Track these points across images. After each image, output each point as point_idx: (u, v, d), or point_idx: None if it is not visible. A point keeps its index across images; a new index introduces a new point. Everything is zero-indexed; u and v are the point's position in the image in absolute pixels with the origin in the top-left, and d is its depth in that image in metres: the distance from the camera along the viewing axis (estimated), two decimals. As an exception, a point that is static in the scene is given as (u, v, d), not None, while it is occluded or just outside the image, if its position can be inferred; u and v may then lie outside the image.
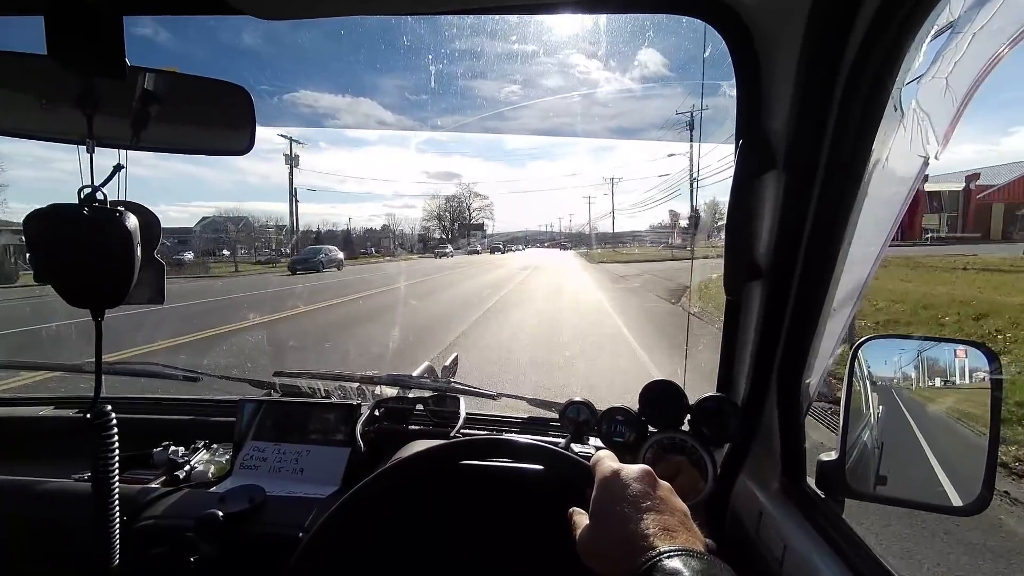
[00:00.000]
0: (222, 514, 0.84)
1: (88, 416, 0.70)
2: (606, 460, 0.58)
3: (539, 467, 0.84)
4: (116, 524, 0.77)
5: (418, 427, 1.22)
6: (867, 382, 0.78)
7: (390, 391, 1.34)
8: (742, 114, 0.80)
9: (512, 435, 1.05)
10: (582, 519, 0.56)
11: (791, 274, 0.75)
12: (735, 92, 0.80)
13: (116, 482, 0.75)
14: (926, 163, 0.53)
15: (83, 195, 0.63)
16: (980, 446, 0.64)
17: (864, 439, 0.79)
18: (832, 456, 0.74)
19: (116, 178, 0.66)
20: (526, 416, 1.25)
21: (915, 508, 0.73)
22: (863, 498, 0.75)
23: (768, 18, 0.71)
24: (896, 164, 0.58)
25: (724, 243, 0.81)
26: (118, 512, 0.77)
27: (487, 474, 0.90)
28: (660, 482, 0.54)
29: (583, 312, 10.18)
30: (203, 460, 1.13)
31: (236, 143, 0.76)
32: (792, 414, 0.80)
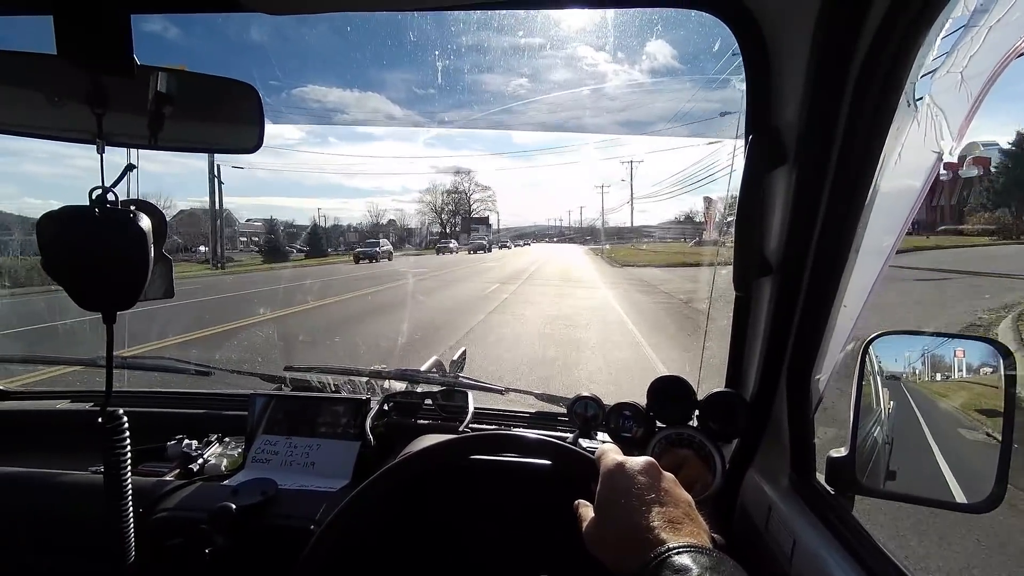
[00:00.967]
0: (235, 507, 0.86)
1: (100, 419, 0.71)
2: (610, 453, 0.58)
3: (547, 462, 0.84)
4: (130, 517, 0.78)
5: (427, 421, 1.23)
6: (878, 378, 0.77)
7: (399, 385, 1.35)
8: (752, 108, 0.79)
9: (520, 430, 1.05)
10: (588, 511, 0.56)
11: (802, 269, 0.74)
12: (744, 86, 0.79)
13: (128, 477, 0.76)
14: (940, 158, 0.52)
15: (94, 196, 0.63)
16: (993, 443, 0.64)
17: (874, 435, 0.78)
18: (842, 452, 0.74)
19: (127, 177, 0.67)
20: (534, 411, 1.25)
21: (925, 505, 0.73)
22: (873, 494, 0.74)
23: (778, 12, 0.70)
24: (909, 159, 0.58)
25: (733, 238, 0.81)
26: (132, 505, 0.78)
27: (496, 469, 0.91)
28: (664, 473, 0.54)
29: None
30: (216, 453, 1.14)
31: (245, 141, 0.76)
32: (802, 409, 0.80)
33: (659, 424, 0.98)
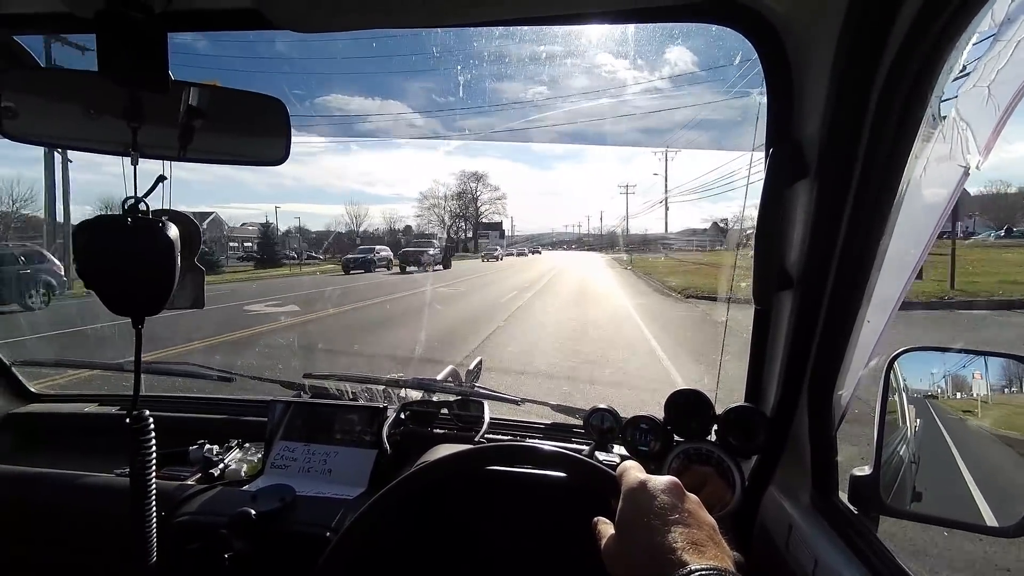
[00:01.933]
0: (254, 512, 0.87)
1: (127, 420, 0.73)
2: (632, 470, 0.57)
3: (563, 474, 0.84)
4: (153, 520, 0.80)
5: (443, 431, 1.23)
6: (903, 395, 0.76)
7: (415, 394, 1.36)
8: (772, 121, 0.79)
9: (537, 442, 1.05)
10: (607, 529, 0.56)
11: (823, 284, 0.73)
12: (764, 99, 0.79)
13: (153, 481, 0.78)
14: (967, 172, 0.52)
15: (127, 205, 0.66)
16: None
17: (900, 454, 0.76)
18: (866, 470, 0.72)
19: (160, 187, 0.69)
20: (550, 422, 1.25)
21: (953, 527, 0.71)
22: (898, 515, 0.72)
23: (800, 25, 0.70)
24: (935, 173, 0.57)
25: (753, 251, 0.80)
26: (155, 508, 0.80)
27: (511, 479, 0.91)
28: (688, 495, 0.53)
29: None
30: (236, 459, 1.16)
31: (272, 153, 0.78)
32: (823, 426, 0.78)
33: (677, 438, 0.97)
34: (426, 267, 22.79)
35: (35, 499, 1.05)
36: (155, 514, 0.81)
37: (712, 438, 0.95)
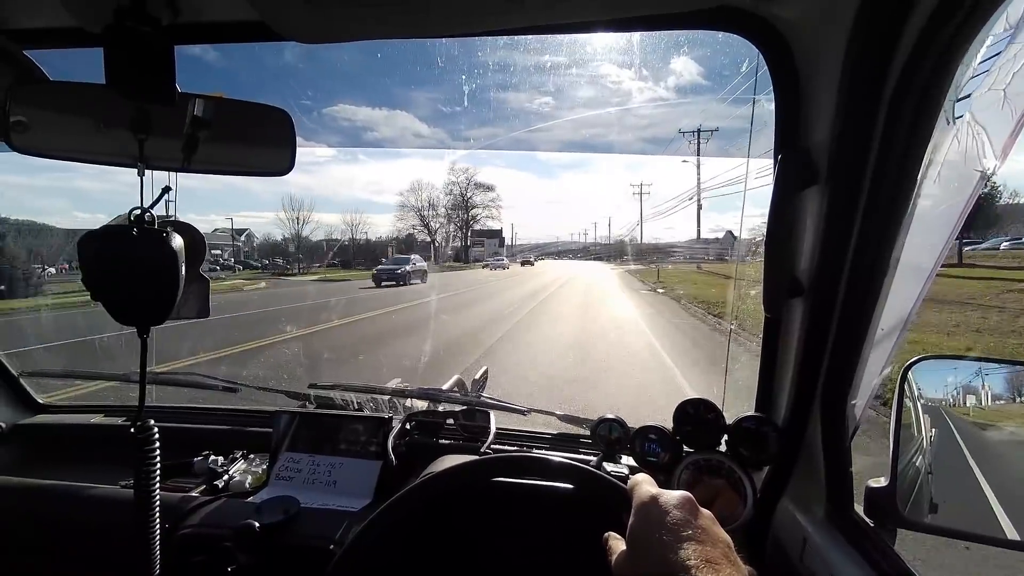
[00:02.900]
0: (258, 525, 0.86)
1: (132, 430, 0.73)
2: (644, 484, 0.56)
3: (571, 486, 0.83)
4: (157, 532, 0.79)
5: (448, 441, 1.22)
6: (918, 404, 0.74)
7: (420, 404, 1.35)
8: (781, 127, 0.78)
9: (544, 453, 1.03)
10: (618, 544, 0.54)
11: (835, 292, 0.72)
12: (771, 106, 0.78)
13: (157, 492, 0.77)
14: (983, 177, 0.51)
15: (133, 216, 0.66)
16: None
17: (916, 464, 0.75)
18: (882, 482, 0.71)
19: (166, 197, 0.69)
20: (556, 432, 1.23)
21: (972, 540, 0.69)
22: (916, 528, 0.71)
23: (808, 31, 0.70)
24: (950, 179, 0.56)
25: (763, 259, 0.79)
26: (159, 520, 0.79)
27: (519, 491, 0.90)
28: (702, 511, 0.52)
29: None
30: (241, 470, 1.15)
31: (277, 164, 0.78)
32: (837, 436, 0.77)
33: (686, 449, 0.95)
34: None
35: (41, 511, 1.05)
36: (159, 526, 0.80)
37: (722, 449, 0.93)
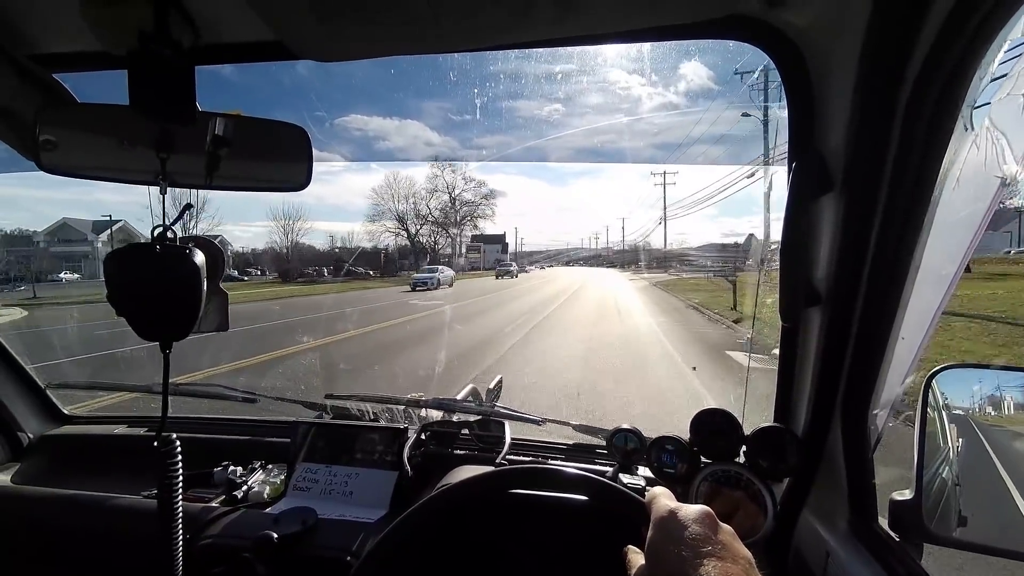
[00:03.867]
0: (276, 536, 0.87)
1: (155, 444, 0.74)
2: (662, 498, 0.55)
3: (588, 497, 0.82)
4: (179, 542, 0.80)
5: (464, 452, 1.22)
6: (943, 414, 0.72)
7: (436, 414, 1.35)
8: (795, 134, 0.78)
9: (560, 464, 1.03)
10: (637, 558, 0.54)
11: (854, 300, 0.71)
12: (784, 113, 0.78)
13: (180, 504, 0.79)
14: (1004, 183, 0.50)
15: (155, 233, 0.67)
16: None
17: (942, 476, 0.73)
18: (906, 495, 0.69)
19: (186, 214, 0.71)
20: (572, 443, 1.23)
21: (1003, 556, 0.67)
22: (943, 543, 0.69)
23: (821, 37, 0.69)
24: (969, 185, 0.55)
25: (778, 266, 0.78)
26: (181, 531, 0.81)
27: (535, 502, 0.89)
28: (722, 525, 0.51)
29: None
30: (259, 480, 1.17)
31: (294, 179, 0.80)
32: (859, 447, 0.75)
33: (704, 460, 0.94)
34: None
35: (67, 521, 1.07)
36: (181, 537, 0.81)
37: (741, 460, 0.92)
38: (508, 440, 1.18)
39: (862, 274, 0.69)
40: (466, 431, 1.27)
